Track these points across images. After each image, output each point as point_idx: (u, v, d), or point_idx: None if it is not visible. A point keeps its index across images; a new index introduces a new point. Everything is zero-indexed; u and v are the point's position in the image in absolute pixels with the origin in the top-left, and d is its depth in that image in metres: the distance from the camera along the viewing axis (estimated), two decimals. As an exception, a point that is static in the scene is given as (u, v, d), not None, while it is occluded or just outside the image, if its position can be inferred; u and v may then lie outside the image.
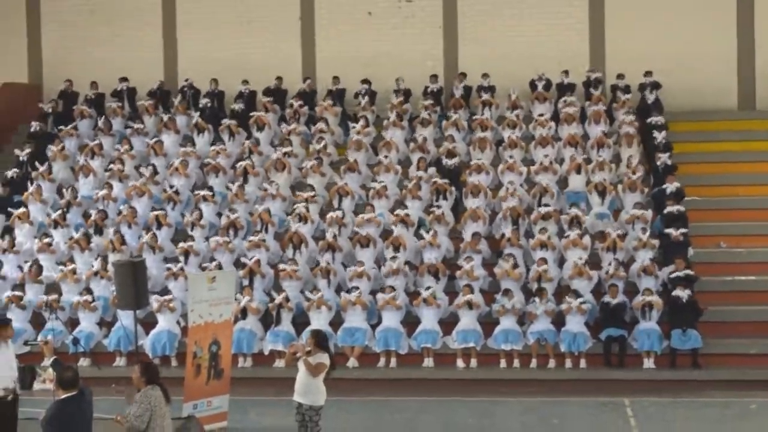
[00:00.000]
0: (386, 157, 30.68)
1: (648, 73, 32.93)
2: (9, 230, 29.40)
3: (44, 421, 12.51)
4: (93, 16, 36.49)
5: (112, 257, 26.49)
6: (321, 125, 32.33)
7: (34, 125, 34.04)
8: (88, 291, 26.59)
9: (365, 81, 33.99)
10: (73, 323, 26.51)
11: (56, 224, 29.14)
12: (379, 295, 25.75)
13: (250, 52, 35.32)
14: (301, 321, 25.51)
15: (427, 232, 27.37)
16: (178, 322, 25.34)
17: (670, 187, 28.65)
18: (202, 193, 29.58)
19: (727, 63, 33.98)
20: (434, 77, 34.16)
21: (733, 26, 34.04)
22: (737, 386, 23.62)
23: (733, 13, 34.03)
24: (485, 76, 33.51)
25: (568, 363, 24.95)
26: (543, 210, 27.84)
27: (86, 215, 29.52)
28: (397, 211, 28.31)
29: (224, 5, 35.81)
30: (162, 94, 34.76)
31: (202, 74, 34.89)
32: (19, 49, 36.94)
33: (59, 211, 29.50)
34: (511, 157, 30.34)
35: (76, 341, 25.49)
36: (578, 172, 29.64)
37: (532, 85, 33.26)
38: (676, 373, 24.50)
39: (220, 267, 25.85)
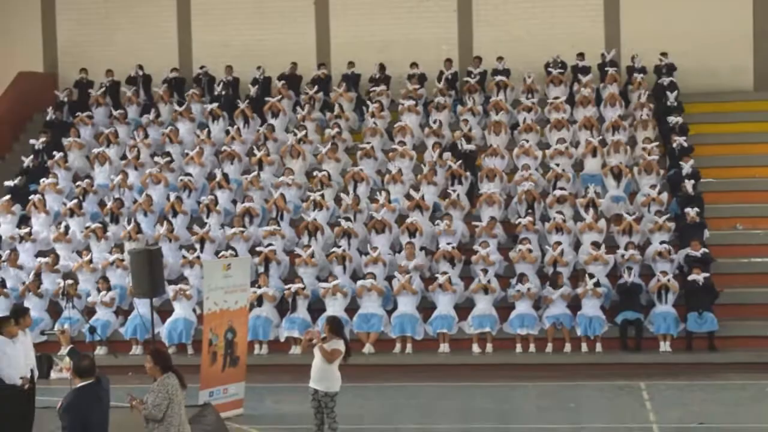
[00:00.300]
0: (401, 142, 30.76)
1: (663, 55, 32.90)
2: (26, 219, 29.57)
3: (61, 410, 12.63)
4: (107, 3, 36.58)
5: (128, 246, 26.60)
6: (336, 111, 32.47)
7: (50, 114, 34.21)
8: (105, 280, 26.76)
9: (380, 66, 34.05)
10: (89, 312, 26.65)
11: (72, 213, 29.24)
12: (395, 281, 25.86)
13: (264, 38, 35.36)
14: (316, 307, 25.59)
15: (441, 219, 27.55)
16: (194, 310, 25.43)
17: (686, 167, 28.68)
18: (218, 179, 29.75)
19: (743, 43, 33.85)
20: (449, 61, 34.16)
21: (750, 6, 33.93)
22: (754, 369, 23.65)
23: (750, -3, 34.07)
24: (500, 59, 33.51)
25: (584, 347, 24.98)
26: (558, 194, 27.89)
27: (102, 204, 29.68)
28: (413, 195, 28.39)
29: (237, -8, 35.96)
30: (177, 81, 34.83)
31: (217, 61, 35.00)
32: (34, 38, 37.02)
33: (75, 200, 29.64)
34: (526, 140, 30.33)
35: (92, 330, 25.69)
36: (594, 155, 29.64)
37: (547, 68, 33.25)
38: (692, 356, 24.52)
39: (235, 254, 25.97)
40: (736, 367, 23.92)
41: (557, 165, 29.14)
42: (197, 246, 27.30)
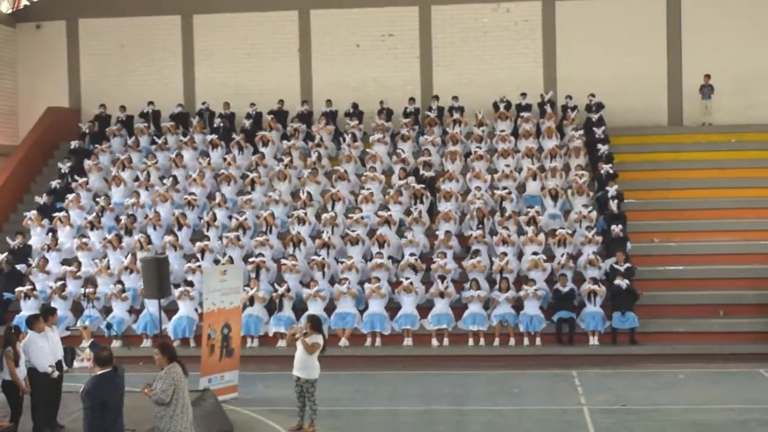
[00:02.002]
0: (372, 168, 30.80)
1: (592, 95, 32.96)
2: (53, 232, 29.47)
3: (84, 393, 12.59)
4: (123, 49, 36.49)
5: (140, 254, 26.47)
6: (317, 141, 32.46)
7: (74, 143, 34.04)
8: (120, 283, 26.69)
9: (354, 104, 34.09)
10: (107, 311, 26.56)
11: (92, 226, 29.20)
12: (366, 285, 25.87)
13: (256, 79, 35.35)
14: (300, 307, 25.54)
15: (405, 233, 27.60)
16: (195, 310, 25.34)
17: (611, 190, 28.80)
18: (217, 199, 29.73)
19: (658, 86, 34.10)
20: (412, 100, 34.21)
21: (664, 56, 34.13)
22: (669, 359, 23.82)
23: (664, 45, 34.11)
24: (455, 98, 33.54)
25: (526, 341, 25.02)
26: (505, 214, 27.92)
27: (118, 219, 29.52)
28: (381, 213, 28.43)
29: (234, 40, 35.75)
30: (182, 115, 34.76)
31: (216, 98, 34.93)
32: (60, 78, 36.91)
33: (95, 215, 29.61)
34: (477, 167, 30.49)
35: (109, 326, 25.65)
36: (534, 179, 29.69)
37: (495, 105, 33.33)
38: (616, 349, 24.65)
39: (231, 261, 26.00)
40: (653, 358, 24.11)
41: (504, 188, 29.24)
42: (199, 255, 27.25)
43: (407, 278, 25.89)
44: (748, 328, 25.23)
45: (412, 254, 26.85)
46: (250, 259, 27.06)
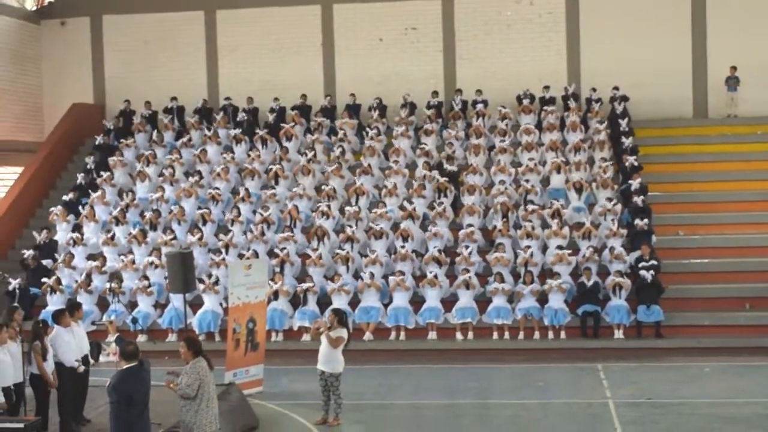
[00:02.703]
0: (396, 161, 30.81)
1: (616, 88, 32.95)
2: (78, 227, 29.63)
3: (110, 388, 12.66)
4: (147, 45, 36.61)
5: (165, 249, 26.62)
6: (340, 135, 32.54)
7: (99, 139, 34.23)
8: (145, 278, 26.79)
9: (377, 98, 34.11)
10: (132, 305, 26.67)
11: (118, 222, 29.30)
12: (391, 278, 25.91)
13: (279, 73, 35.43)
14: (324, 301, 25.58)
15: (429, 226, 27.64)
16: (220, 304, 25.42)
17: (636, 183, 28.76)
18: (241, 194, 29.84)
19: (683, 78, 33.94)
20: (435, 93, 34.16)
21: (689, 47, 34.00)
22: (694, 353, 23.68)
23: (689, 36, 33.99)
24: (479, 92, 33.54)
25: (551, 335, 25.02)
26: (530, 207, 27.90)
27: (143, 214, 29.70)
28: (405, 207, 28.44)
29: (257, 35, 35.81)
30: (206, 111, 34.89)
31: (240, 93, 35.03)
32: (85, 75, 37.08)
33: (120, 211, 29.72)
34: (501, 160, 30.48)
35: (135, 321, 25.75)
36: (558, 172, 29.68)
37: (519, 99, 33.26)
38: (641, 342, 24.61)
39: (256, 256, 26.04)
40: (679, 351, 23.99)
41: (527, 181, 29.21)
42: (223, 250, 27.33)
43: (431, 272, 25.92)
44: (774, 321, 25.17)
45: (436, 248, 26.89)
46: (275, 250, 27.14)
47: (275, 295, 25.51)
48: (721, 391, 20.15)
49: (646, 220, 27.29)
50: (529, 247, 26.42)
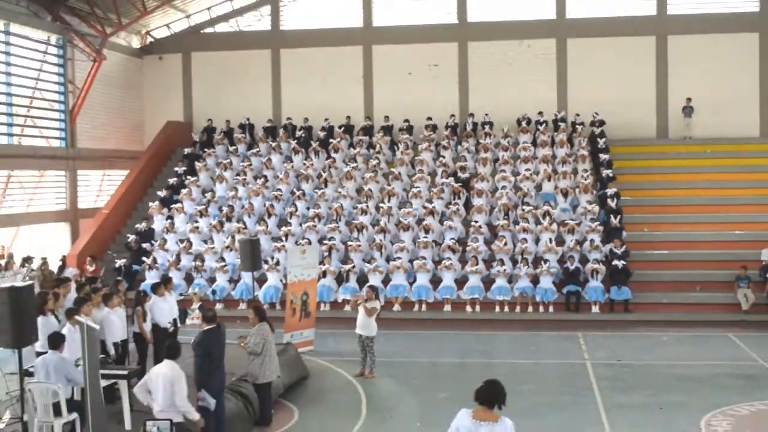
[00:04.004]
0: (420, 170, 30.77)
1: (596, 113, 32.79)
2: (170, 218, 29.78)
3: (194, 344, 12.71)
4: (226, 76, 36.72)
5: (238, 237, 26.71)
6: (376, 149, 32.51)
7: (187, 149, 34.42)
8: (222, 259, 26.90)
9: (406, 119, 34.06)
10: (212, 280, 26.78)
11: (201, 214, 29.47)
12: (415, 262, 25.88)
13: (329, 99, 35.33)
14: (362, 279, 25.53)
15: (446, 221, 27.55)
16: (281, 280, 25.43)
17: (611, 190, 28.65)
18: (297, 193, 29.87)
19: (649, 107, 33.85)
20: (452, 116, 34.10)
21: (653, 82, 33.86)
22: (655, 325, 23.59)
23: (653, 74, 33.86)
24: (486, 115, 33.45)
25: (541, 309, 24.89)
26: (526, 208, 27.82)
27: (221, 208, 29.80)
28: (427, 206, 28.40)
29: (312, 69, 35.82)
30: (271, 128, 34.94)
31: (298, 114, 35.08)
32: (177, 98, 37.25)
33: (203, 206, 29.88)
34: (503, 170, 30.38)
35: (214, 292, 25.90)
36: (549, 180, 29.54)
37: (518, 121, 33.14)
38: (613, 316, 24.46)
39: (309, 243, 26.06)
40: (643, 323, 23.89)
41: (524, 187, 29.13)
42: (283, 238, 27.40)
43: (447, 258, 25.87)
44: (719, 300, 24.93)
45: (451, 239, 26.83)
46: (324, 242, 27.18)
47: (324, 274, 25.52)
48: (677, 355, 20.07)
49: (618, 219, 27.19)
50: (525, 239, 26.31)
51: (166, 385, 11.29)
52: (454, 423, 7.88)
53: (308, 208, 29.26)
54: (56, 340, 12.13)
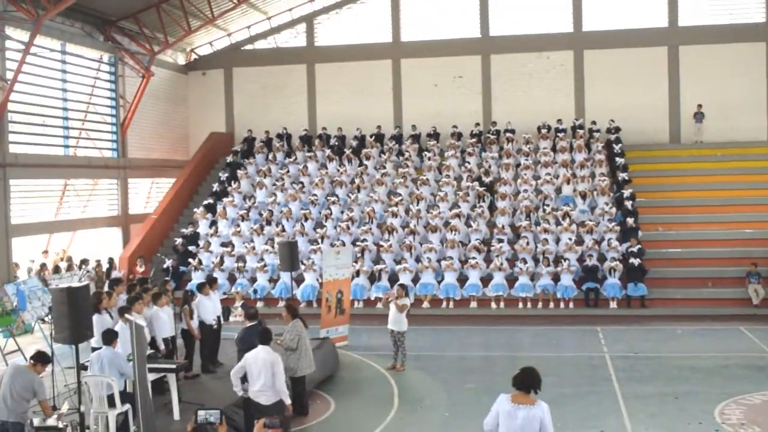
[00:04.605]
0: (447, 175, 30.71)
1: (612, 120, 32.65)
2: (214, 223, 29.95)
3: (237, 340, 12.81)
4: (264, 89, 36.92)
5: (277, 239, 26.82)
6: (406, 156, 32.48)
7: (229, 158, 34.58)
8: (263, 260, 27.00)
9: (433, 128, 34.01)
10: (253, 280, 26.89)
11: (243, 219, 29.59)
12: (443, 262, 25.83)
13: (361, 110, 35.40)
14: (393, 279, 25.48)
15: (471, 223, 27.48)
16: (317, 279, 25.50)
17: (627, 192, 28.46)
18: (332, 198, 29.92)
19: (662, 113, 33.57)
20: (477, 124, 34.02)
21: (666, 90, 33.61)
22: (669, 319, 23.37)
23: (666, 82, 33.60)
24: (509, 123, 33.36)
25: (562, 305, 24.77)
26: (547, 210, 27.74)
27: (261, 213, 29.93)
28: (453, 209, 28.38)
29: (345, 82, 35.89)
30: (307, 137, 35.03)
31: (332, 124, 35.17)
32: (219, 111, 37.44)
33: (244, 211, 30.00)
34: (525, 174, 30.25)
35: (255, 291, 25.99)
36: (568, 183, 29.39)
37: (539, 128, 32.97)
38: (630, 311, 24.29)
39: (343, 244, 26.08)
40: (658, 318, 23.67)
41: (545, 190, 28.99)
42: (319, 240, 27.45)
43: (473, 257, 25.82)
44: (730, 295, 24.71)
45: (476, 239, 26.76)
46: (357, 243, 27.20)
47: (357, 273, 25.53)
48: (690, 347, 19.89)
49: (634, 219, 27.00)
50: (546, 239, 26.20)
51: (266, 367, 11.34)
52: (495, 407, 8.08)
53: (342, 212, 29.29)
54: (110, 337, 12.25)
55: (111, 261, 28.15)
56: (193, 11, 32.61)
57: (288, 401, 11.51)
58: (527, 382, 7.84)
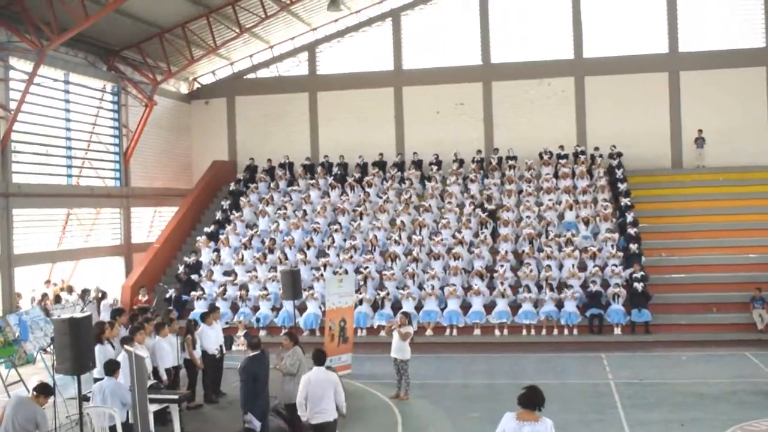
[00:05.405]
0: (449, 202, 30.72)
1: (613, 146, 32.70)
2: (217, 251, 29.93)
3: (240, 370, 12.74)
4: (266, 117, 37.04)
5: (280, 267, 26.79)
6: (408, 183, 32.52)
7: (232, 186, 34.65)
8: (265, 288, 26.95)
9: (435, 155, 34.09)
10: (255, 309, 26.81)
11: (245, 247, 29.58)
12: (446, 289, 25.78)
13: (363, 137, 35.52)
14: (396, 306, 25.51)
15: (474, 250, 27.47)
16: (320, 308, 25.49)
17: (629, 217, 28.44)
18: (334, 226, 29.91)
19: (663, 138, 33.65)
20: (479, 151, 34.12)
21: (667, 115, 33.71)
22: (674, 345, 23.30)
23: (667, 108, 33.72)
24: (510, 150, 33.44)
25: (566, 331, 24.71)
26: (550, 236, 27.78)
27: (263, 241, 29.92)
28: (456, 236, 28.33)
29: (347, 109, 36.03)
30: (309, 165, 35.09)
31: (334, 152, 35.22)
32: (222, 139, 37.54)
33: (247, 239, 29.97)
34: (527, 201, 30.27)
35: (258, 320, 25.92)
36: (570, 209, 29.42)
37: (540, 155, 33.04)
38: (634, 337, 24.20)
39: (346, 272, 26.08)
40: (663, 344, 23.58)
41: (548, 216, 28.99)
42: (322, 268, 27.42)
43: (476, 284, 25.76)
44: (734, 320, 24.66)
45: (479, 266, 26.71)
46: (360, 271, 27.15)
47: (360, 301, 25.51)
48: (696, 373, 19.81)
49: (637, 245, 26.95)
50: (549, 266, 26.15)
51: (329, 387, 11.59)
52: (501, 425, 8.31)
53: (345, 240, 29.28)
54: (112, 367, 12.20)
55: (103, 293, 27.26)
56: (195, 41, 32.81)
57: (344, 411, 11.83)
58: (532, 400, 8.18)
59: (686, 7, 34.10)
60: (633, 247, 26.80)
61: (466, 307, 25.62)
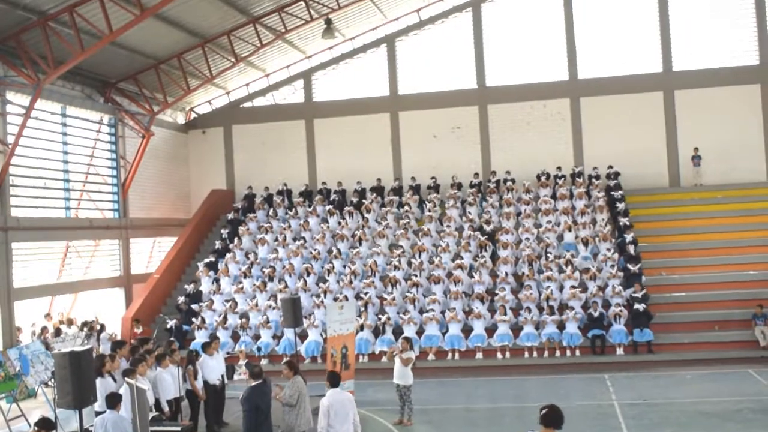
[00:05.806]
0: (448, 226, 30.75)
1: (611, 166, 32.74)
2: (217, 280, 29.89)
3: (242, 399, 12.70)
4: (264, 145, 37.09)
5: (280, 295, 26.74)
6: (406, 208, 32.56)
7: (230, 215, 34.67)
8: (266, 316, 26.87)
9: (433, 178, 34.17)
10: (256, 337, 26.74)
11: (245, 275, 29.55)
12: (446, 313, 25.74)
13: (360, 163, 35.61)
14: (397, 331, 25.45)
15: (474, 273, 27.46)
16: (321, 335, 25.44)
17: (629, 237, 28.45)
18: (333, 252, 29.90)
19: (660, 157, 33.74)
20: (476, 174, 34.17)
21: (663, 135, 33.81)
22: (677, 364, 23.25)
23: (663, 127, 33.84)
24: (508, 172, 33.47)
25: (568, 353, 24.63)
26: (549, 257, 27.78)
27: (263, 269, 29.91)
28: (456, 260, 28.35)
29: (344, 136, 36.12)
30: (307, 192, 35.16)
31: (332, 179, 35.30)
32: (220, 168, 37.60)
33: (247, 267, 29.95)
34: (526, 223, 30.29)
35: (259, 349, 25.83)
36: (569, 230, 29.44)
37: (538, 176, 33.12)
38: (637, 357, 24.15)
39: (346, 299, 26.05)
40: (666, 363, 23.54)
41: (547, 238, 28.99)
42: (322, 294, 27.38)
43: (476, 308, 25.73)
44: (737, 338, 24.58)
45: (480, 289, 26.68)
46: (360, 296, 27.11)
47: (361, 327, 25.44)
48: (700, 392, 19.77)
49: (637, 265, 26.94)
50: (549, 287, 26.14)
51: (352, 406, 12.24)
52: None
53: (344, 266, 29.26)
54: (114, 400, 12.16)
55: (102, 326, 26.79)
56: (191, 71, 32.97)
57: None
58: (556, 419, 8.29)
59: (679, 26, 34.32)
60: (633, 266, 26.80)
61: (467, 330, 25.56)
